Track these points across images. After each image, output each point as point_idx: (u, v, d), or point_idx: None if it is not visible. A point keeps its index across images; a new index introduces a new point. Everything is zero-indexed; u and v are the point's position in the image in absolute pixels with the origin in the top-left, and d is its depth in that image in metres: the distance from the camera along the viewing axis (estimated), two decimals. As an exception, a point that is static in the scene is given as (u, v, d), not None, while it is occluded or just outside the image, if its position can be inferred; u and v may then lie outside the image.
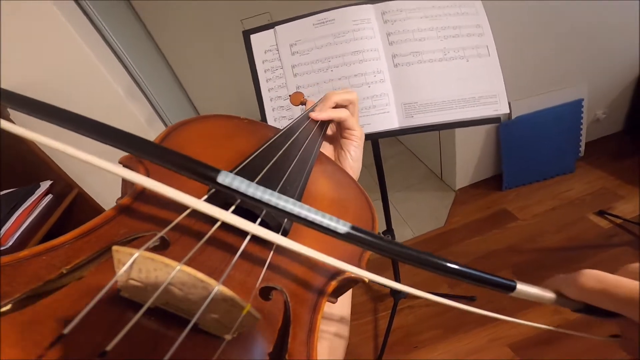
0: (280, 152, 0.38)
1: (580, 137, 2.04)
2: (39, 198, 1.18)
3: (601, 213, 1.78)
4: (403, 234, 2.03)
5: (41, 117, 0.25)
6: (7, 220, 1.04)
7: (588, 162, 2.10)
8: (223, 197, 0.28)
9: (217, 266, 0.25)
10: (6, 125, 0.24)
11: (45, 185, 1.23)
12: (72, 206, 1.26)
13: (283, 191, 0.32)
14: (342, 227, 0.23)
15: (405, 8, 0.83)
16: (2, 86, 1.21)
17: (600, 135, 2.22)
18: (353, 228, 0.23)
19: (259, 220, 0.28)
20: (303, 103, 0.66)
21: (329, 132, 0.58)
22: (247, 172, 0.33)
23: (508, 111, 0.80)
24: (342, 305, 0.40)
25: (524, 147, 1.99)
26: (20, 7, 1.14)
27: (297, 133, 0.45)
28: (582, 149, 2.10)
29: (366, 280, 0.30)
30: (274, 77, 0.87)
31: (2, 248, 1.00)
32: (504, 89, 0.81)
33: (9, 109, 1.22)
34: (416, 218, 2.14)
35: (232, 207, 0.27)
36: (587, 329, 1.17)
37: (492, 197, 2.10)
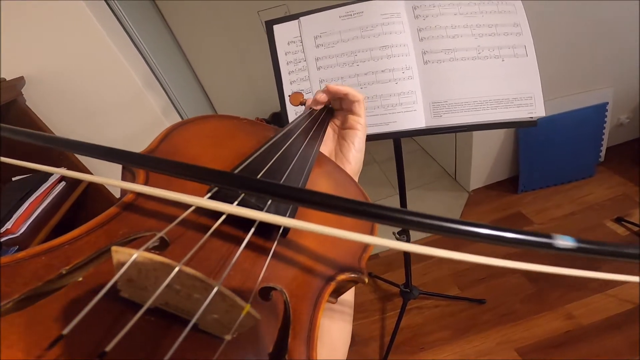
0: (280, 153, 0.38)
1: (602, 142, 2.00)
2: (52, 185, 1.18)
3: (619, 220, 1.75)
4: (415, 232, 2.00)
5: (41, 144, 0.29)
6: (19, 207, 1.04)
7: (608, 167, 2.06)
8: (222, 197, 0.28)
9: (217, 266, 0.25)
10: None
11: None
12: (85, 194, 1.27)
13: None
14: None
15: (438, 3, 0.79)
16: (28, 75, 1.21)
17: (621, 140, 2.17)
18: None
19: (257, 221, 0.28)
20: (303, 103, 0.64)
21: (329, 128, 0.57)
22: (247, 173, 0.33)
23: (544, 114, 0.76)
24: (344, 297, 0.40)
25: (543, 150, 1.95)
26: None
27: (297, 133, 0.45)
28: (603, 153, 2.06)
29: (366, 281, 0.31)
30: (297, 70, 0.84)
31: (13, 236, 0.99)
32: (541, 91, 0.77)
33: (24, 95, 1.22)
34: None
35: (237, 201, 0.27)
36: (596, 336, 1.14)
37: (507, 199, 2.07)
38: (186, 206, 0.27)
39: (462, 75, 0.79)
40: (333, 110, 0.56)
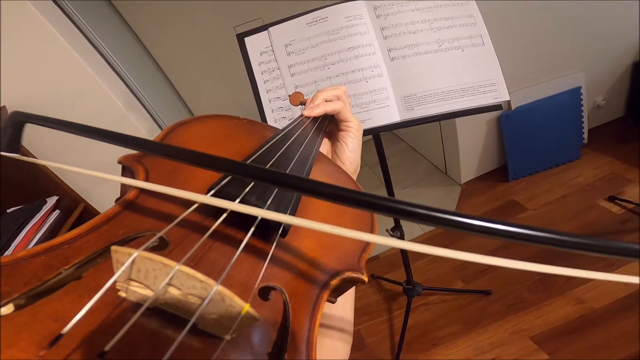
0: (280, 152, 0.38)
1: (583, 124, 2.03)
2: (47, 214, 1.19)
3: (612, 199, 1.76)
4: (411, 230, 2.02)
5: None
6: (16, 237, 1.05)
7: (593, 148, 2.08)
8: (223, 196, 0.28)
9: (216, 266, 0.25)
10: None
11: (52, 201, 1.24)
12: (80, 221, 1.27)
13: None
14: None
15: (396, 2, 0.83)
16: (10, 104, 1.23)
17: (602, 121, 2.20)
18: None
19: (257, 221, 0.28)
20: (303, 103, 0.66)
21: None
22: None
23: (508, 98, 0.80)
24: (344, 307, 0.40)
25: (527, 137, 1.98)
26: (19, 28, 1.16)
27: (297, 133, 0.44)
28: (586, 135, 2.09)
29: (366, 281, 0.30)
30: (272, 78, 0.88)
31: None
32: (502, 76, 0.81)
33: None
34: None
35: (239, 199, 0.28)
36: (610, 318, 1.12)
37: (499, 188, 2.09)
38: (186, 206, 0.27)
39: (427, 68, 0.82)
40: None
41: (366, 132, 0.87)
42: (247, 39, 0.87)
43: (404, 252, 1.43)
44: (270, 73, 0.88)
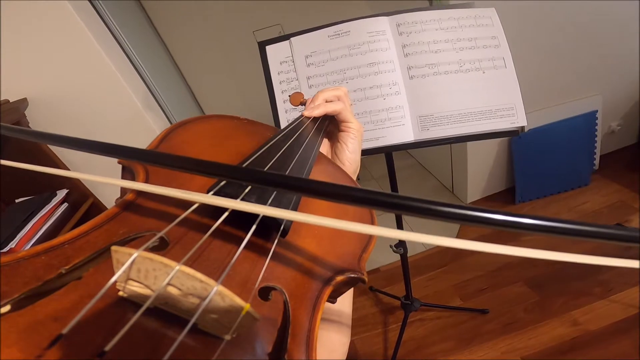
0: (280, 152, 0.38)
1: (595, 150, 2.01)
2: (55, 206, 1.19)
3: (618, 227, 1.74)
4: (414, 246, 2.00)
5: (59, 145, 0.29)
6: (23, 228, 1.05)
7: (603, 174, 2.06)
8: (224, 196, 0.28)
9: (217, 266, 0.25)
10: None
11: (61, 194, 1.25)
12: (87, 215, 1.27)
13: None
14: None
15: (420, 20, 0.83)
16: (31, 97, 1.24)
17: (615, 147, 2.18)
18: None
19: (257, 220, 0.28)
20: (303, 103, 0.65)
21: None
22: None
23: (525, 124, 0.79)
24: (343, 301, 0.40)
25: (537, 160, 1.96)
26: (49, 22, 1.18)
27: (297, 133, 0.44)
28: (597, 161, 2.07)
29: (366, 280, 0.30)
30: (289, 89, 0.88)
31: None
32: (522, 101, 0.80)
33: (27, 118, 1.25)
34: (427, 231, 2.05)
35: (239, 198, 0.27)
36: (604, 340, 1.12)
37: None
38: (186, 206, 0.27)
39: (446, 89, 0.82)
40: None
41: (379, 151, 0.86)
42: (268, 48, 0.87)
43: (405, 267, 1.42)
44: (289, 83, 0.88)
